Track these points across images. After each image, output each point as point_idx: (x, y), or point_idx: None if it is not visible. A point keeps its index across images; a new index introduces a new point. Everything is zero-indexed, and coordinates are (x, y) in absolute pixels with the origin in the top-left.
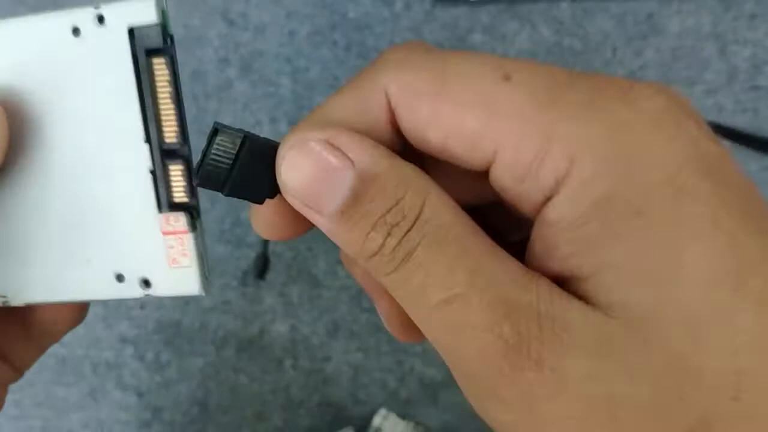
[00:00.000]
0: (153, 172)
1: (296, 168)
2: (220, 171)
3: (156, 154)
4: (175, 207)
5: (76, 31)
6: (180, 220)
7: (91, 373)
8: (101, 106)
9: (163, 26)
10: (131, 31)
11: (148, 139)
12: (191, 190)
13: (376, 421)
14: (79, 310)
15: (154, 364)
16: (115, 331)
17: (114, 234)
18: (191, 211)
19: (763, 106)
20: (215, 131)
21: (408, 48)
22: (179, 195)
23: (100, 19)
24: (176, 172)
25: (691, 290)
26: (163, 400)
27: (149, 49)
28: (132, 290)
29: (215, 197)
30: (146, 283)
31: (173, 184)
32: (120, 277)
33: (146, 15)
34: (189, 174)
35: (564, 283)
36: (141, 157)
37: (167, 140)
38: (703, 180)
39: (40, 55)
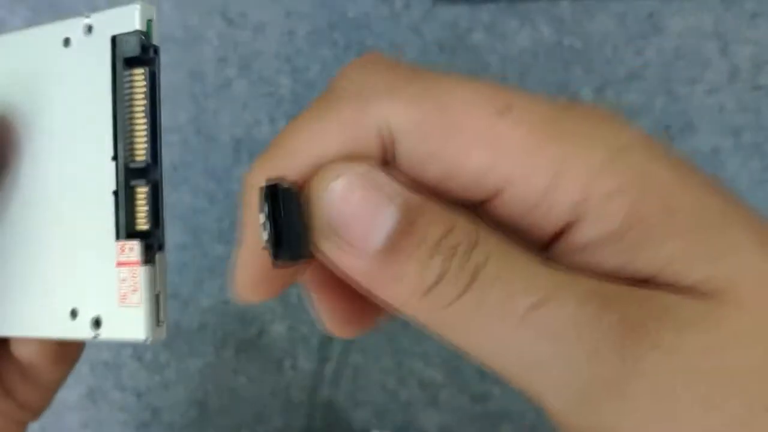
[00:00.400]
0: (115, 194)
1: (345, 199)
2: (292, 235)
3: (121, 174)
4: (134, 235)
5: (66, 42)
6: (135, 249)
7: (90, 374)
8: (78, 120)
9: (146, 35)
10: (113, 39)
11: (116, 156)
12: (154, 217)
13: None
14: (56, 347)
15: (152, 364)
16: None
17: (73, 263)
18: (151, 241)
19: (765, 106)
20: (275, 188)
21: (382, 67)
22: (141, 221)
23: (89, 29)
24: (141, 195)
25: (754, 254)
26: (162, 401)
27: (129, 57)
28: (82, 330)
29: (214, 195)
30: (97, 322)
31: (137, 208)
32: (74, 313)
33: (129, 22)
34: (154, 198)
35: None
36: (107, 176)
37: (136, 158)
38: (702, 178)
39: (32, 69)
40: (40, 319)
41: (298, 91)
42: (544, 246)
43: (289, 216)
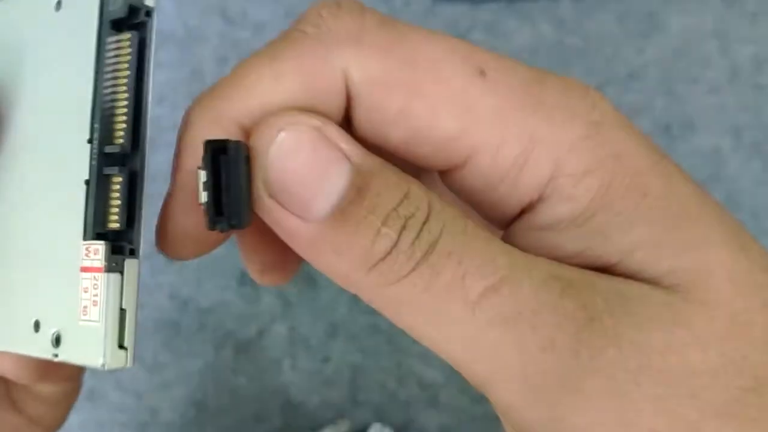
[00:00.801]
0: (87, 183)
1: (288, 157)
2: (234, 203)
3: (94, 159)
4: (105, 236)
5: (58, 4)
6: (99, 252)
7: (89, 374)
8: (61, 96)
9: None
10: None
11: (91, 139)
12: (128, 215)
13: None
14: (34, 363)
15: (152, 365)
16: None
17: (39, 266)
18: (120, 243)
19: (765, 105)
20: (223, 149)
21: (349, 13)
22: (113, 218)
23: None
24: (116, 186)
25: (724, 249)
26: (161, 402)
27: (115, 20)
28: (43, 347)
29: None
30: (57, 339)
31: (111, 201)
32: (37, 326)
33: None
34: (131, 191)
35: None
36: (82, 162)
37: (114, 141)
38: (674, 166)
39: (22, 36)
40: (2, 330)
41: None
42: (504, 224)
43: (233, 181)
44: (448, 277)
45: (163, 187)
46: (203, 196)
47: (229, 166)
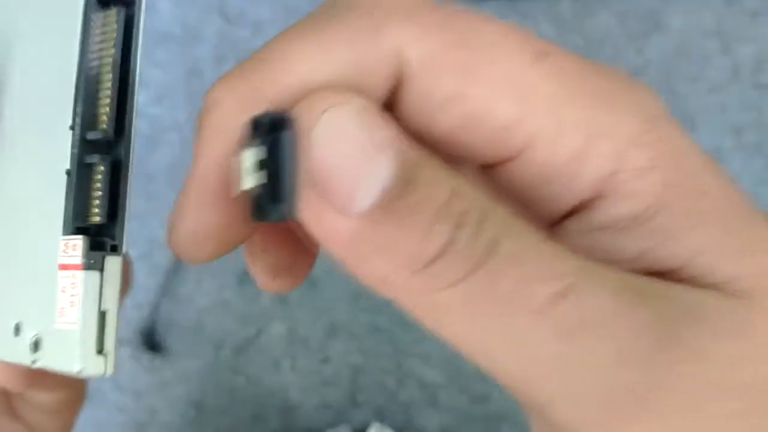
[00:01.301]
0: (68, 173)
1: (333, 142)
2: (288, 187)
3: (76, 147)
4: (86, 231)
5: None
6: (77, 247)
7: None
8: (46, 78)
9: None
10: None
11: (74, 124)
12: (110, 207)
13: None
14: (22, 369)
15: (151, 365)
16: None
17: (21, 264)
18: (101, 238)
19: (767, 104)
20: (282, 123)
21: None
22: (94, 211)
23: None
24: (98, 176)
25: None
26: (160, 402)
27: None
28: (21, 352)
29: None
30: (36, 344)
31: (92, 193)
32: (17, 329)
33: None
34: (113, 182)
35: None
36: (63, 150)
37: (98, 126)
38: (720, 168)
39: (8, 18)
40: None
41: None
42: (550, 223)
43: (291, 162)
44: (510, 283)
45: (163, 187)
46: (250, 181)
47: (287, 144)
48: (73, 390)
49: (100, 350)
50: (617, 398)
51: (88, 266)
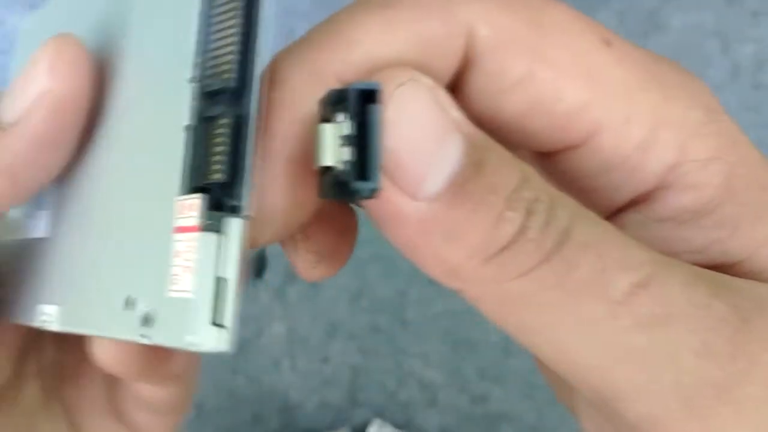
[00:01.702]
0: (187, 128)
1: (406, 120)
2: (377, 160)
3: (196, 100)
4: (204, 191)
5: None
6: (195, 207)
7: None
8: (161, 33)
9: None
10: None
11: (193, 77)
12: (232, 165)
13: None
14: (136, 353)
15: None
16: None
17: (133, 230)
18: (220, 197)
19: (766, 104)
20: (371, 95)
21: None
22: (215, 168)
23: None
24: (221, 131)
25: None
26: None
27: None
28: (131, 326)
29: None
30: (147, 317)
31: (212, 149)
32: (128, 303)
33: None
34: (237, 137)
35: None
36: (182, 104)
37: (220, 77)
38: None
39: None
40: (93, 309)
41: None
42: (608, 214)
43: (377, 137)
44: (586, 272)
45: None
46: (330, 157)
47: (378, 118)
48: (184, 387)
49: (216, 322)
50: (699, 393)
51: (205, 227)
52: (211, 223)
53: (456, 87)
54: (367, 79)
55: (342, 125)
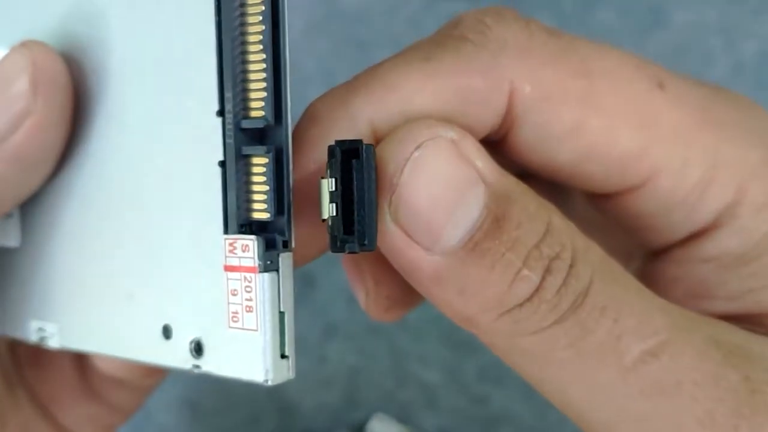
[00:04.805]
0: (223, 165)
1: (426, 180)
2: (366, 219)
3: (230, 137)
4: (249, 228)
5: None
6: (250, 249)
7: None
8: (172, 59)
9: None
10: None
11: (221, 111)
12: (277, 202)
13: (372, 425)
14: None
15: None
16: None
17: (166, 262)
18: (272, 236)
19: None
20: (355, 152)
21: (513, 21)
22: (259, 207)
23: None
24: (260, 168)
25: None
26: (155, 402)
27: None
28: (178, 355)
29: None
30: (198, 348)
31: (253, 187)
32: (167, 331)
33: None
34: (278, 173)
35: (732, 322)
36: (212, 140)
37: (251, 114)
38: None
39: None
40: (123, 334)
41: (293, 85)
42: (658, 251)
43: (366, 193)
44: (601, 337)
45: None
46: (328, 210)
47: (362, 173)
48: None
49: (282, 354)
50: None
51: (265, 268)
52: (270, 263)
53: (502, 140)
54: (394, 131)
55: (331, 181)
